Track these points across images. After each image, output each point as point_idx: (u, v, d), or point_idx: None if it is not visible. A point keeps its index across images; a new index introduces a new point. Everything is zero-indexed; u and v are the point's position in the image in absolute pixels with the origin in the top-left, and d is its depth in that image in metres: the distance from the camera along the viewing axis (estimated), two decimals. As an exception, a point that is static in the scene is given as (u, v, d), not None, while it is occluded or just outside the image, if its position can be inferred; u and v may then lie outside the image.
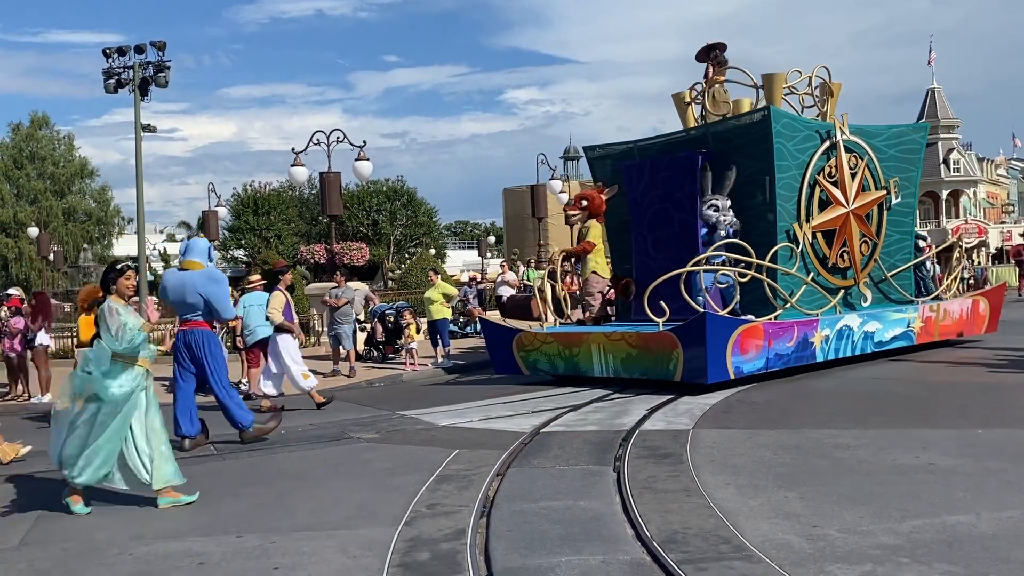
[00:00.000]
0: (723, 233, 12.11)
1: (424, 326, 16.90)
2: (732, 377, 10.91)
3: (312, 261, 21.76)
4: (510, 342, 12.83)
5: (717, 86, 13.88)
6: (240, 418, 8.72)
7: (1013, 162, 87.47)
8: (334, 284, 15.69)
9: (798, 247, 12.32)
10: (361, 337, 16.63)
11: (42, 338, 13.35)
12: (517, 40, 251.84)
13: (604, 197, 13.35)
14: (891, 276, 13.78)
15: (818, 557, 4.63)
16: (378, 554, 5.01)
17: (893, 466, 6.58)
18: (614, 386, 11.50)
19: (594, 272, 13.25)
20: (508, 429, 8.83)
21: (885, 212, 13.66)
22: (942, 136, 62.70)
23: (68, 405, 6.37)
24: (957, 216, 63.88)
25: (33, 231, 46.00)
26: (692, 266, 11.54)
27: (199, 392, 8.91)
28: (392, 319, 16.38)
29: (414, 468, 7.22)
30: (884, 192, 13.54)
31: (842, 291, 12.99)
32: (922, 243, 15.12)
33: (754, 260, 11.64)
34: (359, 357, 15.84)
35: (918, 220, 14.15)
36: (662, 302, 11.16)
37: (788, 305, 11.91)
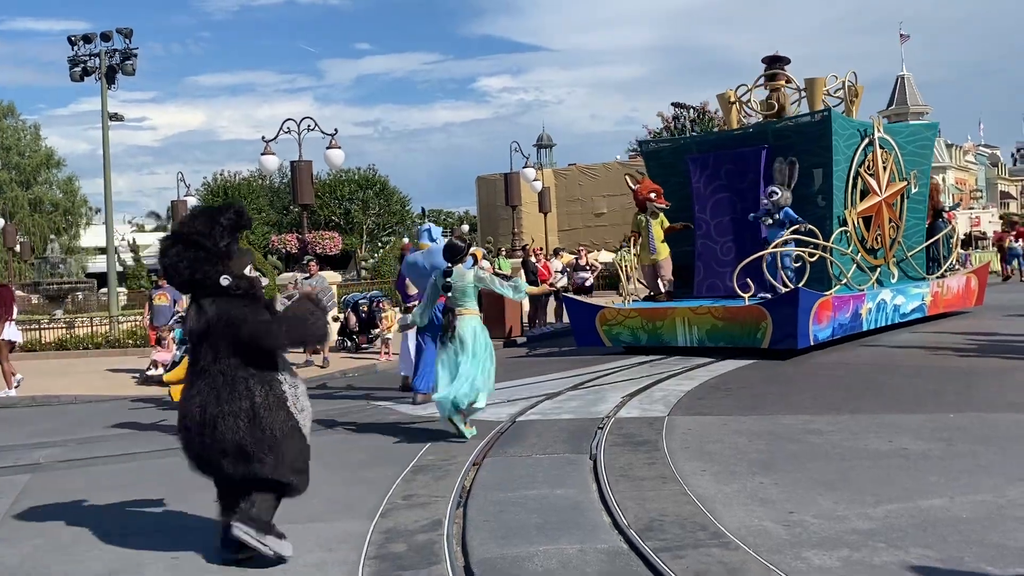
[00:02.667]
0: (781, 217, 13.20)
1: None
2: (811, 343, 12.32)
3: (284, 251, 21.58)
4: (593, 317, 14.14)
5: (773, 92, 15.55)
6: (421, 384, 9.74)
7: (981, 148, 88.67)
8: (306, 274, 15.53)
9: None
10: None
11: (9, 332, 13.06)
12: (490, 27, 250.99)
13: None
14: (910, 256, 15.85)
15: (795, 543, 4.65)
16: (355, 546, 4.97)
17: (866, 451, 6.63)
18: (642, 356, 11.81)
19: (667, 256, 14.59)
20: (484, 418, 8.77)
21: (905, 200, 15.64)
22: (911, 123, 63.41)
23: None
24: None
25: (-2, 222, 45.25)
26: (773, 248, 12.86)
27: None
28: (366, 308, 16.27)
29: (389, 459, 7.18)
30: (905, 183, 15.49)
31: (878, 269, 14.76)
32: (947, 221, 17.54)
33: (821, 242, 13.18)
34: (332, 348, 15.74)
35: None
36: (749, 279, 12.69)
37: (844, 282, 13.54)
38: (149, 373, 13.75)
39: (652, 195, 14.45)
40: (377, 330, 15.74)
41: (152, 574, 4.77)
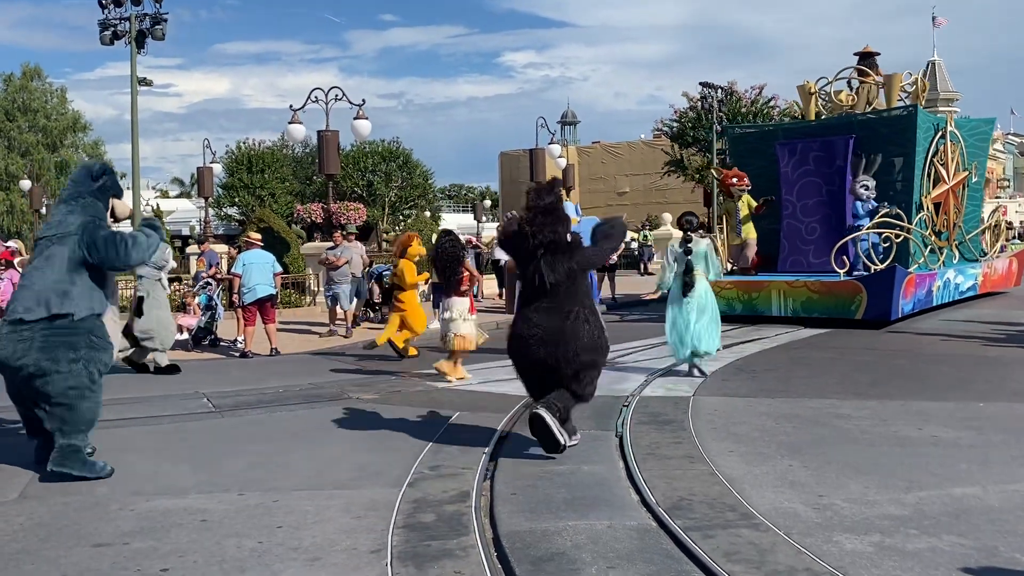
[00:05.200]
0: (870, 206, 14.75)
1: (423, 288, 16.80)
2: (900, 315, 13.67)
3: (308, 220, 21.60)
4: None
5: (863, 85, 16.94)
6: None
7: (1010, 137, 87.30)
8: (331, 244, 15.57)
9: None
10: None
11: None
12: (516, 1, 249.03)
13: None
14: (968, 239, 17.29)
15: (826, 526, 4.62)
16: (382, 515, 4.97)
17: (895, 437, 6.57)
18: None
19: (753, 237, 15.99)
20: (508, 392, 8.76)
21: (966, 188, 17.00)
22: (941, 109, 62.46)
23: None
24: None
25: (25, 184, 45.59)
26: (868, 230, 14.29)
27: None
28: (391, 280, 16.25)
29: (416, 429, 7.19)
30: (967, 172, 16.85)
31: (944, 251, 16.19)
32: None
33: (905, 224, 14.44)
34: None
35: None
36: (844, 256, 14.17)
37: (921, 261, 14.95)
38: (176, 337, 13.80)
39: (735, 180, 15.88)
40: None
41: (181, 533, 4.80)
